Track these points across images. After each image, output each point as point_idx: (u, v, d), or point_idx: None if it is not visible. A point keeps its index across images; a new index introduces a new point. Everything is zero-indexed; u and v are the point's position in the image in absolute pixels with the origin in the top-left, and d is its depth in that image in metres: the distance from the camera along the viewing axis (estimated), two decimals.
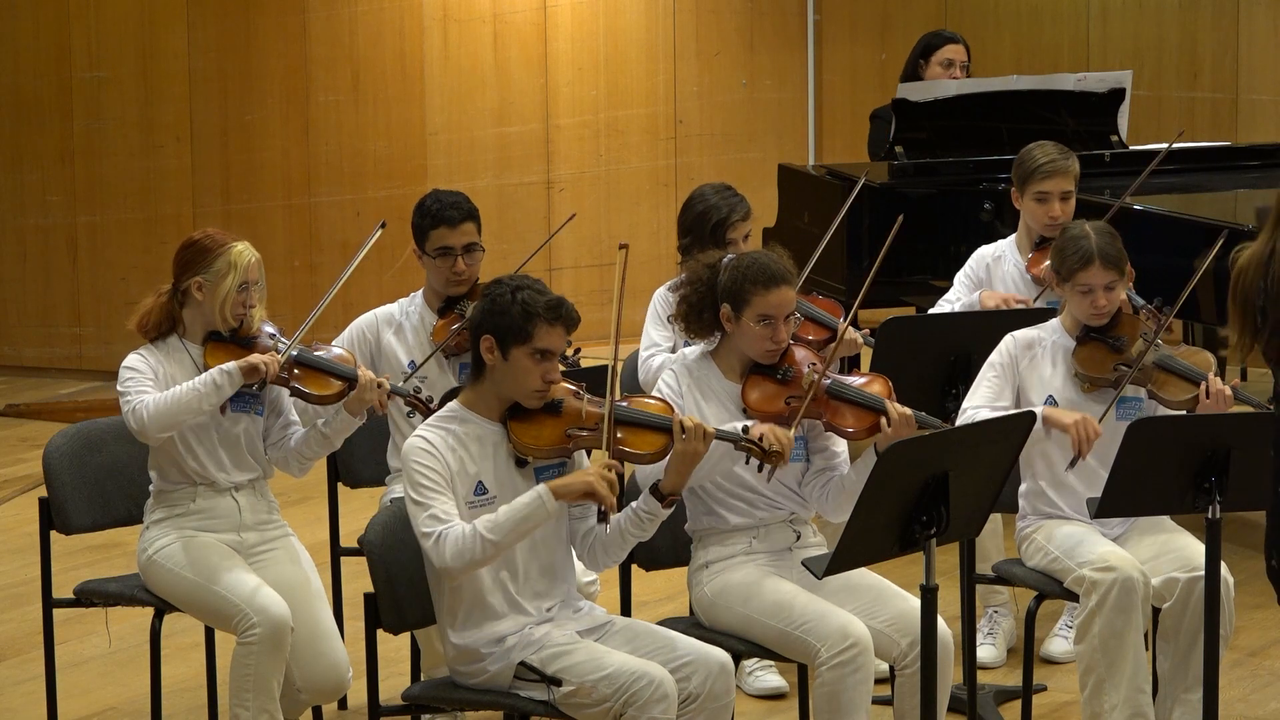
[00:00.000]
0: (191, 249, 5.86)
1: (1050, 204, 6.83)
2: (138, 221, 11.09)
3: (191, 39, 10.99)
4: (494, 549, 5.03)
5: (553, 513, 5.06)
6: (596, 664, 5.06)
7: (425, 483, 5.07)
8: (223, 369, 5.69)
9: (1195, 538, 5.81)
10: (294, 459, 5.92)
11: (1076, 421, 5.77)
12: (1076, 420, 5.77)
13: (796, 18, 11.95)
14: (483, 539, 5.00)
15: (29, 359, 11.32)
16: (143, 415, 5.68)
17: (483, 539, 5.00)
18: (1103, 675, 5.72)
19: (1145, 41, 11.23)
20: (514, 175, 11.40)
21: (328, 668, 5.80)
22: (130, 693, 6.79)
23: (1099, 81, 8.81)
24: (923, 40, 9.03)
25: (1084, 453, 5.79)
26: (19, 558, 8.23)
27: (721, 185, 6.82)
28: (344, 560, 6.62)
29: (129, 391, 5.73)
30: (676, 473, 5.15)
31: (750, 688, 6.66)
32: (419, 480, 5.07)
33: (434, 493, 5.06)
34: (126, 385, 5.75)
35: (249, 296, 5.85)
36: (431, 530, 5.02)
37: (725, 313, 5.56)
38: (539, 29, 11.38)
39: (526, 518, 5.04)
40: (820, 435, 5.62)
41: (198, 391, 5.68)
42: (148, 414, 5.68)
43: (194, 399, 5.68)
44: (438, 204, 6.43)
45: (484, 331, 5.15)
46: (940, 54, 8.87)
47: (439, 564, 5.03)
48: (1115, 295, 5.98)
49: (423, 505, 5.05)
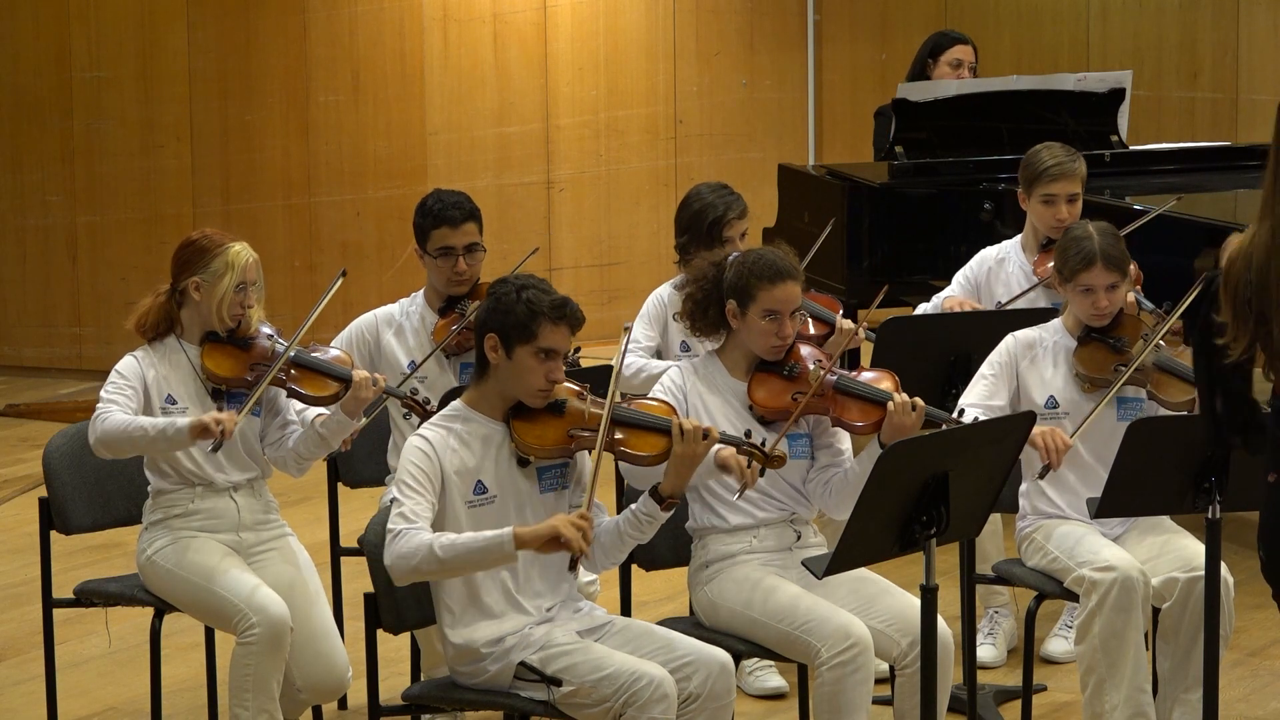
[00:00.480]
0: (189, 249, 5.85)
1: (1057, 206, 6.83)
2: (138, 221, 11.09)
3: (191, 39, 10.99)
4: (440, 567, 4.98)
5: (509, 556, 4.99)
6: (596, 664, 5.06)
7: (409, 480, 5.07)
8: (175, 423, 5.63)
9: (1195, 538, 5.82)
10: (291, 459, 5.91)
11: (1044, 432, 5.75)
12: (1044, 431, 5.76)
13: (796, 18, 11.96)
14: (431, 553, 4.96)
15: (29, 359, 11.32)
16: (99, 428, 5.67)
17: (431, 553, 4.96)
18: (1103, 675, 5.73)
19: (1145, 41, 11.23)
20: (514, 175, 11.40)
21: (327, 668, 5.80)
22: (130, 693, 6.79)
23: (1099, 81, 8.81)
24: (930, 40, 9.02)
25: (1055, 463, 5.78)
26: (19, 558, 8.23)
27: (718, 184, 6.83)
28: (344, 560, 6.62)
29: (103, 397, 5.73)
30: (676, 475, 5.15)
31: (750, 688, 6.66)
32: (403, 477, 5.08)
33: (413, 492, 5.06)
34: (107, 389, 5.75)
35: (246, 297, 5.84)
36: (394, 526, 5.03)
37: (731, 309, 5.57)
38: (539, 29, 11.39)
39: (484, 551, 4.97)
40: (826, 432, 5.63)
41: (145, 433, 5.62)
42: (102, 428, 5.66)
43: (141, 438, 5.64)
44: (439, 204, 6.43)
45: (488, 330, 5.15)
46: (949, 54, 8.86)
47: (385, 560, 5.03)
48: (1117, 296, 5.98)
49: (398, 501, 5.06)
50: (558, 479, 5.23)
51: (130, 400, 5.73)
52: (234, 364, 5.83)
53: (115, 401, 5.71)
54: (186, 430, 5.60)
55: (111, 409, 5.68)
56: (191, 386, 5.83)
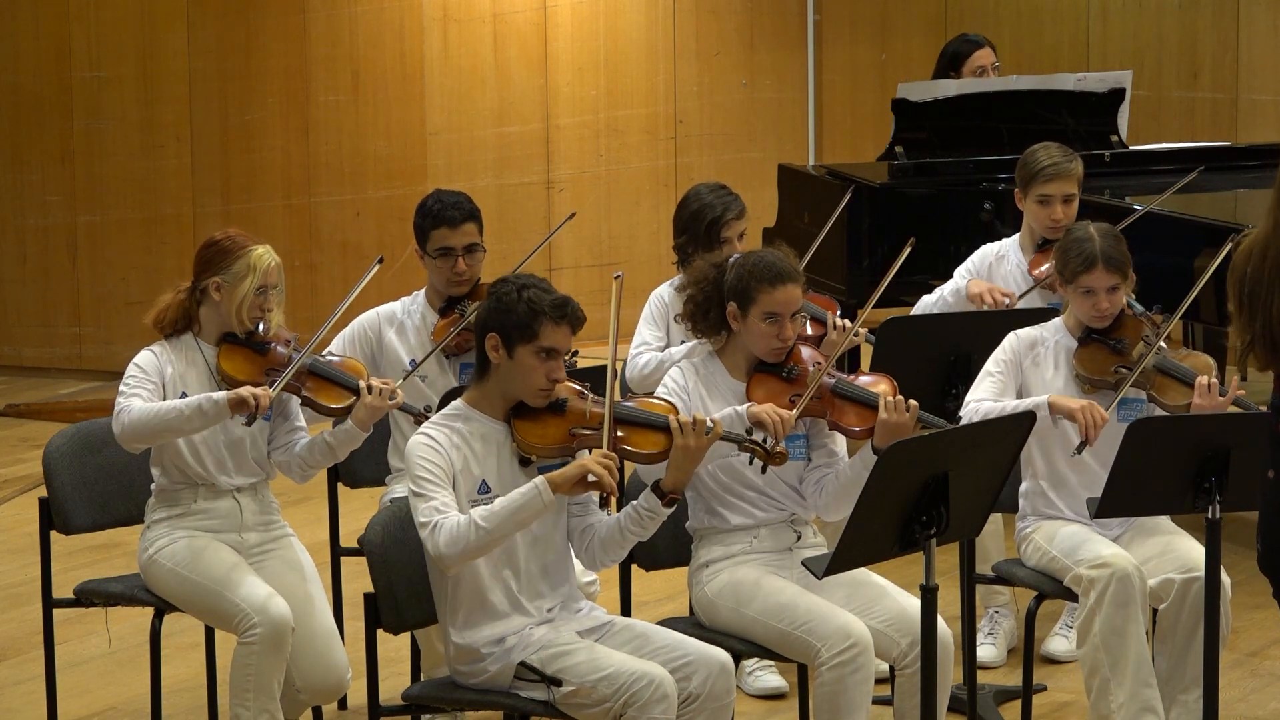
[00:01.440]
0: (213, 249, 5.86)
1: (1052, 206, 6.83)
2: (138, 221, 11.09)
3: (191, 39, 10.99)
4: (488, 537, 5.00)
5: (549, 504, 5.03)
6: (597, 664, 5.06)
7: (427, 476, 5.07)
8: (211, 397, 5.64)
9: (1194, 539, 5.82)
10: (297, 465, 5.91)
11: (1083, 406, 5.79)
12: (1083, 405, 5.79)
13: (796, 18, 11.95)
14: (477, 526, 4.98)
15: (29, 359, 11.31)
16: (124, 420, 5.67)
17: (477, 526, 4.98)
18: (1107, 674, 5.72)
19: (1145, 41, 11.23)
20: (514, 175, 11.40)
21: (327, 668, 5.80)
22: (130, 693, 6.79)
23: (1099, 81, 8.80)
24: (949, 48, 8.95)
25: (1091, 439, 5.79)
26: (19, 558, 8.23)
27: (716, 184, 6.83)
28: (344, 560, 6.62)
29: (124, 391, 5.72)
30: (678, 470, 5.15)
31: (750, 687, 6.66)
32: (420, 474, 5.07)
33: (435, 485, 5.06)
34: (127, 382, 5.75)
35: (266, 300, 5.83)
36: (429, 520, 5.02)
37: (732, 311, 5.57)
38: (539, 29, 11.38)
39: (522, 507, 5.02)
40: (822, 434, 5.63)
41: (180, 413, 5.64)
42: (129, 420, 5.66)
43: (176, 419, 5.64)
44: (439, 204, 6.43)
45: (489, 330, 5.15)
46: (971, 62, 8.81)
47: (434, 552, 5.02)
48: (1118, 298, 5.98)
49: (423, 496, 5.05)
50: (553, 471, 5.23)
51: (153, 394, 5.73)
52: (250, 367, 5.83)
53: (139, 394, 5.71)
54: (225, 403, 5.61)
55: (134, 400, 5.68)
56: (207, 386, 5.82)
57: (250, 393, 5.62)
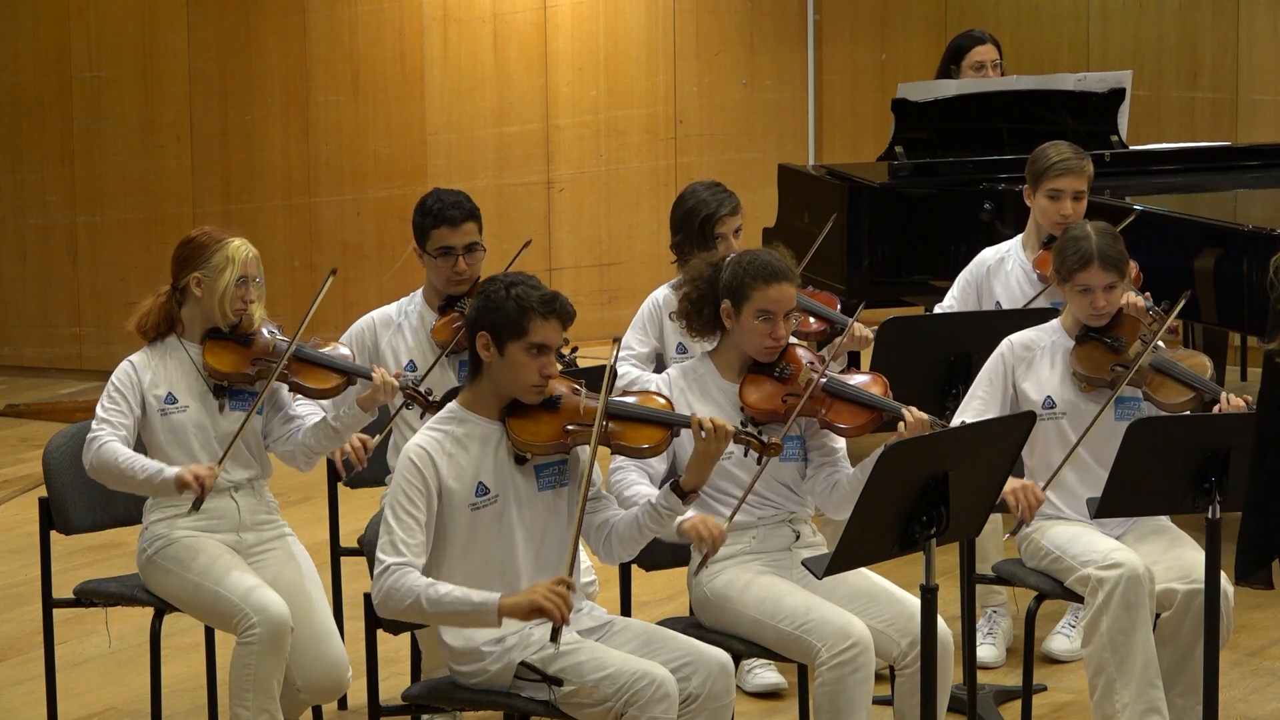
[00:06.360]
0: (189, 246, 5.87)
1: (1062, 202, 6.83)
2: (138, 221, 11.09)
3: (191, 39, 10.99)
4: (421, 618, 5.06)
5: (490, 624, 5.03)
6: (597, 664, 5.06)
7: (402, 501, 5.07)
8: (163, 472, 5.66)
9: (1195, 544, 5.81)
10: (301, 453, 5.92)
11: (1013, 490, 5.76)
12: (1013, 488, 5.76)
13: (796, 18, 11.95)
14: (418, 602, 5.00)
15: (29, 359, 11.32)
16: (91, 454, 5.72)
17: (418, 602, 5.00)
18: (1113, 674, 5.71)
19: (1145, 41, 11.22)
20: (514, 175, 11.40)
21: (327, 668, 5.81)
22: (130, 693, 6.79)
23: (1099, 81, 8.80)
24: (952, 44, 8.96)
25: (1028, 519, 5.80)
26: (19, 558, 8.23)
27: (711, 182, 6.84)
28: (344, 560, 6.62)
29: (99, 414, 5.77)
30: (698, 470, 5.16)
31: (748, 685, 6.66)
32: (396, 496, 5.09)
33: (405, 515, 5.07)
34: (103, 403, 5.79)
35: (247, 291, 5.85)
36: (384, 560, 5.04)
37: (725, 309, 5.57)
38: (539, 29, 11.38)
39: (468, 615, 5.01)
40: (817, 433, 5.63)
41: (134, 476, 5.68)
42: (95, 459, 5.72)
43: (130, 480, 5.69)
44: (439, 203, 6.43)
45: (479, 328, 5.15)
46: (970, 57, 8.81)
47: (374, 596, 5.06)
48: (1115, 296, 5.98)
49: (389, 527, 5.07)
50: (555, 476, 5.23)
51: (125, 418, 5.75)
52: (236, 359, 5.84)
53: (110, 422, 5.73)
54: (172, 482, 5.64)
55: (104, 434, 5.72)
56: (193, 384, 5.84)
57: (194, 474, 5.62)
